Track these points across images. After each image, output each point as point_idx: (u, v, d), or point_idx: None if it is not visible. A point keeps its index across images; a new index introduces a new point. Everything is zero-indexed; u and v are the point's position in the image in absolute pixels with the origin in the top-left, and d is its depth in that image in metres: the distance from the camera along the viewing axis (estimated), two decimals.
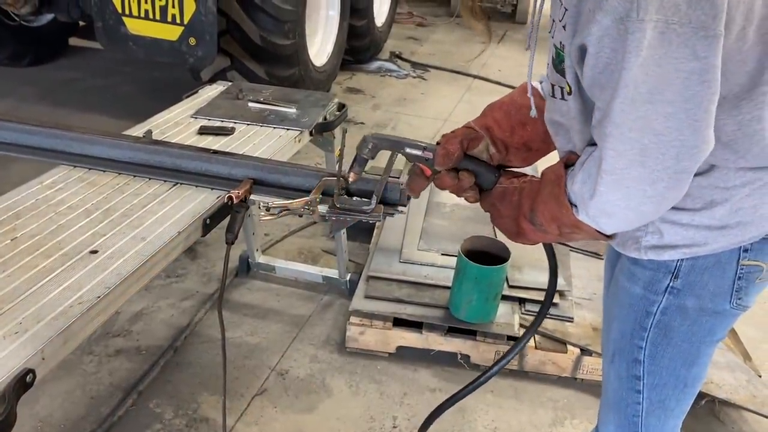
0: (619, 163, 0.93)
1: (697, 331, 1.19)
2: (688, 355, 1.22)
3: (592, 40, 0.90)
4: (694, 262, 1.12)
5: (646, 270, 1.17)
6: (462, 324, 2.43)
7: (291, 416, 2.22)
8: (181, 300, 2.77)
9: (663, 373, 1.24)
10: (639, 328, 1.22)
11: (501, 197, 1.21)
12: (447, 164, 1.22)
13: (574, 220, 1.07)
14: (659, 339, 1.21)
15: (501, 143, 1.26)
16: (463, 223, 3.01)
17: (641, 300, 1.20)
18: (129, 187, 1.58)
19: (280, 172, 1.60)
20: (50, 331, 1.08)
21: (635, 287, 1.20)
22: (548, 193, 1.10)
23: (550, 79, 1.13)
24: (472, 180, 1.23)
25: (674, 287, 1.15)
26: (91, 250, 1.32)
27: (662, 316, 1.18)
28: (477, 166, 1.24)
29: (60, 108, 4.55)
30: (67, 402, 2.21)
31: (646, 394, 1.27)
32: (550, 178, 1.11)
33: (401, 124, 4.86)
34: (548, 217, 1.11)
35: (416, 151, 1.24)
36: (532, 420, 2.28)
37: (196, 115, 2.09)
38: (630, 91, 0.88)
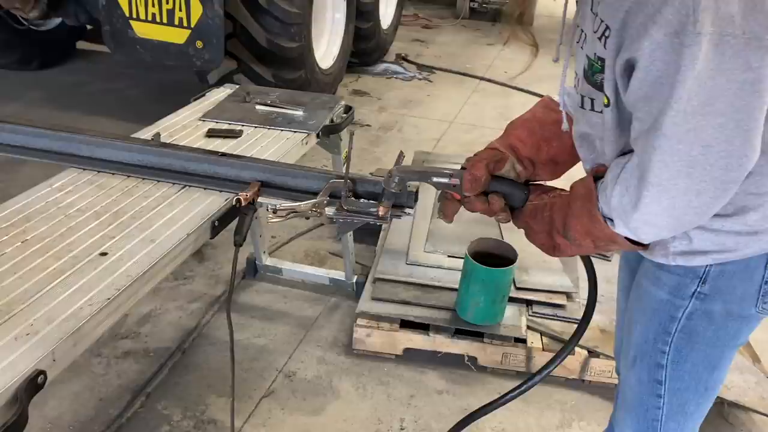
0: (666, 174, 0.94)
1: (723, 335, 1.19)
2: (712, 359, 1.22)
3: (643, 54, 0.90)
4: (723, 268, 1.12)
5: (672, 275, 1.17)
6: (469, 326, 2.43)
7: (299, 418, 2.23)
8: (189, 302, 2.78)
9: (685, 377, 1.24)
10: (663, 332, 1.22)
11: (533, 215, 1.21)
12: (475, 190, 1.22)
13: (609, 234, 1.07)
14: (684, 344, 1.21)
15: (527, 161, 1.27)
16: (470, 224, 3.01)
17: (666, 305, 1.20)
18: (138, 190, 1.59)
19: (287, 175, 1.60)
20: (61, 332, 1.09)
21: (660, 292, 1.20)
22: (580, 208, 1.10)
23: (580, 90, 1.13)
24: (503, 202, 1.23)
25: (701, 292, 1.15)
26: (101, 253, 1.32)
27: (688, 321, 1.18)
28: (505, 187, 1.24)
29: (68, 111, 4.58)
30: (76, 403, 2.22)
31: (667, 398, 1.27)
32: (581, 193, 1.11)
33: (407, 126, 4.87)
34: (582, 232, 1.11)
35: (443, 179, 1.25)
36: (539, 422, 2.28)
37: (203, 118, 2.10)
38: (683, 104, 0.89)
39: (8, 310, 1.13)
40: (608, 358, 2.36)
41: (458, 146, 4.51)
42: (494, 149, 1.27)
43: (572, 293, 2.63)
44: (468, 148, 4.51)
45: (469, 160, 1.25)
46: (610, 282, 2.78)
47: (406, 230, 2.89)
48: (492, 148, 1.28)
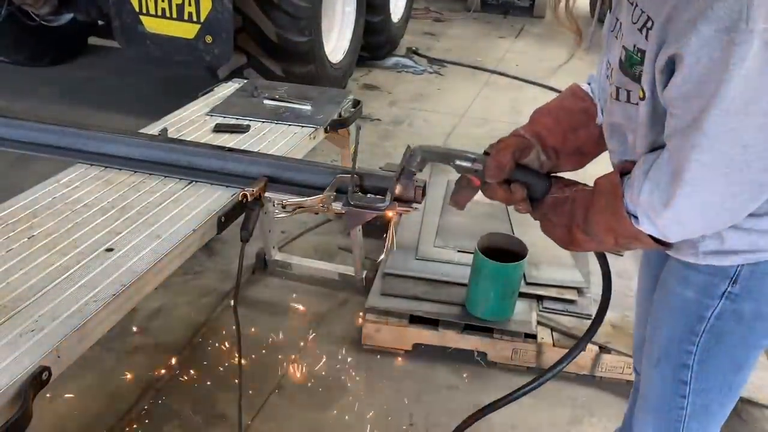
0: (702, 173, 0.92)
1: (751, 336, 1.17)
2: (739, 360, 1.20)
3: (689, 50, 0.88)
4: (754, 268, 1.10)
5: (701, 274, 1.15)
6: (479, 321, 2.41)
7: (308, 413, 2.22)
8: (199, 297, 2.78)
9: (711, 378, 1.22)
10: (690, 332, 1.19)
11: (553, 207, 1.19)
12: (499, 177, 1.19)
13: (633, 231, 1.05)
14: (711, 344, 1.18)
15: (552, 150, 1.24)
16: (480, 219, 2.99)
17: (694, 304, 1.17)
18: (144, 185, 1.59)
19: (294, 170, 1.59)
20: (65, 329, 1.09)
21: (688, 291, 1.17)
22: (604, 204, 1.08)
23: (614, 81, 1.10)
24: (525, 192, 1.20)
25: (732, 292, 1.12)
26: (107, 248, 1.32)
27: (717, 321, 1.16)
28: (529, 177, 1.21)
29: (79, 107, 4.60)
30: (87, 398, 2.23)
31: (692, 398, 1.24)
32: (606, 188, 1.09)
33: (418, 120, 4.85)
34: (604, 228, 1.09)
35: (465, 163, 1.22)
36: (550, 418, 2.26)
37: (211, 113, 2.09)
38: (727, 102, 0.87)
39: (13, 306, 1.13)
40: (620, 353, 2.34)
41: (469, 140, 4.48)
42: (520, 137, 1.24)
43: (583, 288, 2.61)
44: (479, 143, 4.47)
45: (494, 146, 1.21)
46: (621, 277, 2.75)
47: (415, 226, 2.88)
48: (518, 135, 1.24)
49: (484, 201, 3.38)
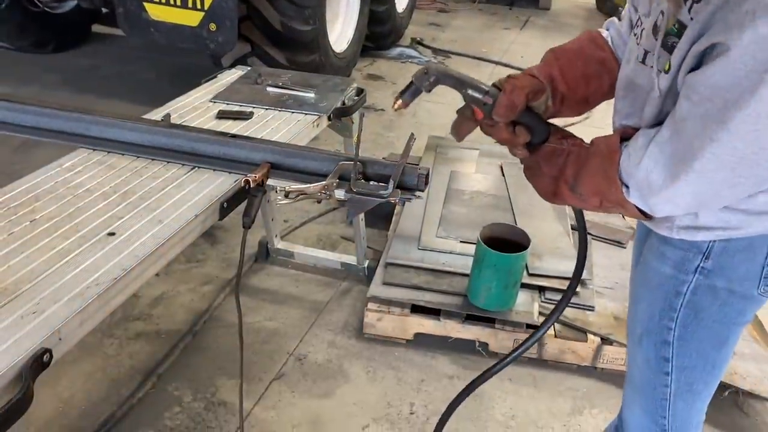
0: (712, 165, 0.92)
1: (728, 312, 1.17)
2: (719, 336, 1.21)
3: (739, 43, 0.84)
4: (726, 244, 1.11)
5: (676, 249, 1.16)
6: (480, 312, 2.41)
7: (309, 401, 2.23)
8: (201, 285, 2.78)
9: (693, 354, 1.23)
10: (668, 308, 1.20)
11: (548, 157, 1.16)
12: (509, 117, 1.14)
13: (620, 199, 1.05)
14: (689, 320, 1.19)
15: (560, 96, 1.21)
16: (483, 210, 2.99)
17: (671, 280, 1.18)
18: (147, 171, 1.58)
19: (297, 156, 1.58)
20: (67, 311, 1.09)
21: (665, 267, 1.19)
22: (597, 166, 1.07)
23: (643, 43, 1.07)
24: (527, 137, 1.16)
25: (705, 267, 1.14)
26: (109, 233, 1.32)
27: (693, 296, 1.17)
28: (534, 121, 1.17)
29: (83, 94, 4.59)
30: (88, 383, 2.24)
31: (675, 376, 1.26)
32: (602, 151, 1.08)
33: (421, 111, 4.83)
34: (592, 190, 1.09)
35: (477, 94, 1.15)
36: (550, 408, 2.26)
37: (214, 100, 2.08)
38: (762, 105, 0.85)
39: (15, 289, 1.13)
40: (621, 345, 2.34)
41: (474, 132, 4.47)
42: (534, 78, 1.19)
43: (585, 280, 2.60)
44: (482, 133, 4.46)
45: (507, 83, 1.14)
46: (624, 269, 2.75)
47: (418, 216, 2.87)
48: (531, 76, 1.19)
49: (487, 192, 3.35)
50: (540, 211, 2.97)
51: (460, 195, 3.11)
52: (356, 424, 2.15)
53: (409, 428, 2.14)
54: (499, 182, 3.28)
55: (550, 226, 2.87)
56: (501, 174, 3.38)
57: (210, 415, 2.14)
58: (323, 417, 2.17)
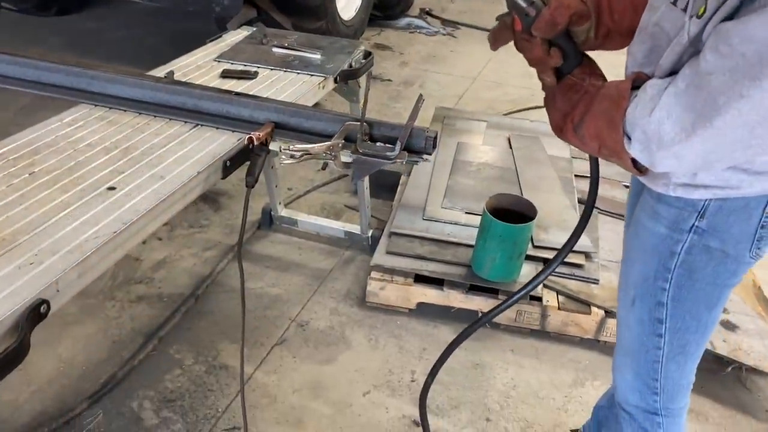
0: (734, 121, 0.86)
1: (722, 272, 1.15)
2: (711, 297, 1.19)
3: None
4: (722, 204, 1.08)
5: (671, 208, 1.13)
6: (484, 282, 2.39)
7: (310, 366, 2.22)
8: (204, 250, 2.77)
9: (686, 316, 1.21)
10: (663, 269, 1.18)
11: (565, 90, 1.11)
12: (547, 33, 1.07)
13: (619, 148, 1.00)
14: (684, 280, 1.17)
15: (605, 29, 1.14)
16: (489, 182, 2.95)
17: (665, 240, 1.16)
18: (149, 127, 1.56)
19: (302, 116, 1.55)
20: (65, 263, 1.07)
21: (659, 226, 1.16)
22: (603, 110, 1.02)
23: None
24: (560, 61, 1.10)
25: (699, 227, 1.11)
26: (109, 187, 1.30)
27: (687, 256, 1.14)
28: (569, 48, 1.11)
29: (86, 58, 4.53)
30: (90, 345, 2.23)
31: (668, 337, 1.24)
32: (611, 95, 1.02)
33: (429, 82, 4.77)
34: (593, 133, 1.04)
35: (522, 1, 1.07)
36: (552, 380, 2.25)
37: (219, 59, 2.05)
38: None
39: (13, 239, 1.11)
40: None
41: (481, 103, 4.42)
42: (581, 2, 1.10)
43: (591, 253, 2.57)
44: (491, 105, 4.41)
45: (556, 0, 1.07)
46: None
47: (423, 186, 2.84)
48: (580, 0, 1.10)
49: (494, 164, 3.31)
50: (547, 183, 2.94)
51: (466, 166, 3.08)
52: (357, 389, 2.15)
53: (410, 395, 2.14)
54: (506, 155, 3.24)
55: (556, 199, 2.84)
56: (508, 146, 3.34)
57: (211, 378, 2.14)
58: (324, 382, 2.16)
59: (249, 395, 2.09)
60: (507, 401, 2.15)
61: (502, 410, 2.12)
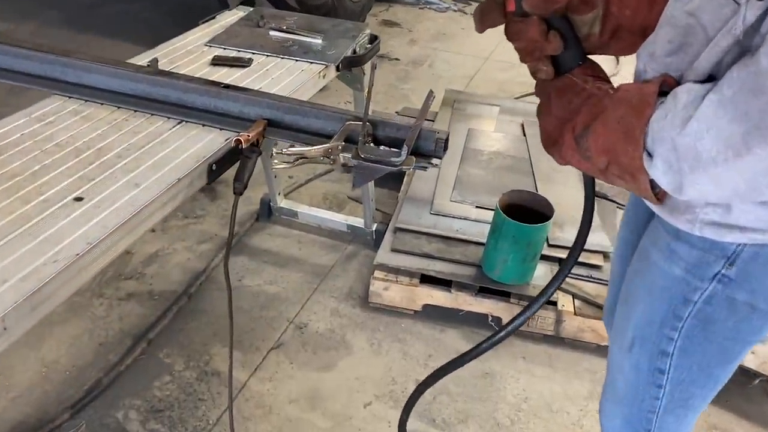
0: None
1: (744, 328, 0.97)
2: (727, 353, 1.01)
3: None
4: (758, 251, 0.88)
5: (693, 249, 0.93)
6: (495, 284, 2.24)
7: (308, 373, 2.09)
8: (199, 243, 2.62)
9: (694, 369, 1.03)
10: (672, 316, 0.99)
11: (561, 91, 0.92)
12: (541, 8, 0.89)
13: (636, 166, 0.80)
14: (696, 332, 0.98)
15: (612, 23, 0.93)
16: (501, 173, 2.78)
17: (680, 284, 0.96)
18: (127, 124, 1.40)
19: (298, 113, 1.39)
20: (17, 294, 0.92)
21: (674, 268, 0.96)
22: (618, 118, 0.82)
23: None
24: (560, 48, 0.91)
25: (726, 275, 0.92)
26: (76, 197, 1.14)
27: (705, 306, 0.95)
28: (570, 36, 0.92)
29: (82, 33, 4.36)
30: (74, 347, 2.10)
31: (669, 389, 1.06)
32: (631, 100, 0.81)
33: (439, 61, 4.57)
34: (601, 147, 0.84)
35: None
36: (566, 391, 2.11)
37: (210, 44, 1.87)
38: None
39: None
40: None
41: (493, 85, 4.22)
42: None
43: (610, 253, 2.41)
44: (503, 88, 4.21)
45: None
46: None
47: (431, 177, 2.67)
48: None
49: (507, 153, 3.12)
50: (563, 175, 2.76)
51: (477, 155, 2.91)
52: (358, 400, 2.01)
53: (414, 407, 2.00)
54: (519, 142, 3.06)
55: (573, 193, 2.66)
56: (522, 133, 3.16)
57: (202, 386, 2.01)
58: (322, 392, 2.03)
59: (242, 405, 1.96)
60: (518, 415, 2.01)
61: (512, 425, 1.98)
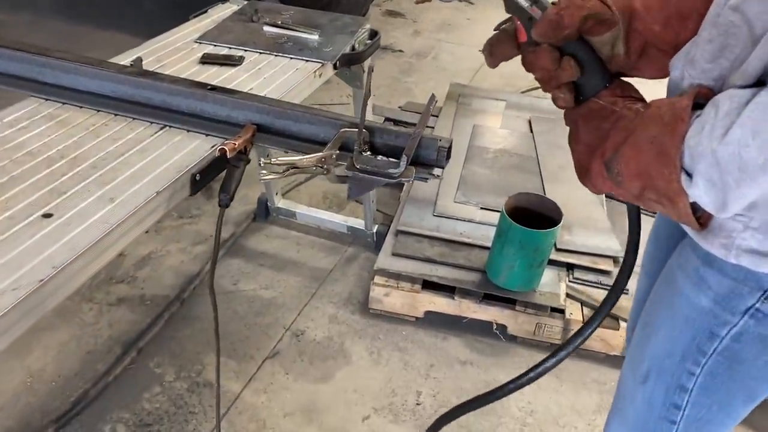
0: None
1: None
2: (754, 392, 0.91)
3: None
4: None
5: (725, 278, 0.83)
6: (500, 291, 2.14)
7: (304, 385, 2.00)
8: (193, 244, 2.54)
9: (713, 408, 0.94)
10: (696, 350, 0.90)
11: (589, 116, 0.83)
12: (550, 37, 0.82)
13: (674, 189, 0.71)
14: (721, 370, 0.89)
15: (639, 41, 0.84)
16: (507, 172, 2.68)
17: (707, 316, 0.87)
18: (106, 129, 1.30)
19: (289, 118, 1.29)
20: None
21: (701, 297, 0.87)
22: (649, 138, 0.73)
23: None
24: (576, 74, 0.83)
25: (761, 310, 0.82)
26: (45, 213, 1.05)
27: (733, 343, 0.86)
28: (589, 59, 0.83)
29: (78, 23, 4.26)
30: (61, 355, 2.02)
31: (683, 426, 0.97)
32: (662, 117, 0.72)
33: (443, 53, 4.45)
34: (634, 171, 0.75)
35: (524, 1, 0.84)
36: (573, 404, 2.02)
37: (200, 40, 1.77)
38: None
39: None
40: None
41: (499, 79, 4.10)
42: (604, 4, 0.83)
43: (620, 258, 2.30)
44: (509, 82, 4.09)
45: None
46: None
47: None
48: (602, 1, 0.83)
49: (513, 151, 3.00)
50: (571, 174, 2.61)
51: (482, 153, 2.80)
52: (356, 414, 1.93)
53: (414, 421, 1.92)
54: (526, 139, 2.96)
55: (581, 193, 2.56)
56: (529, 130, 3.05)
57: (193, 398, 1.92)
58: (319, 404, 1.94)
59: (235, 419, 1.88)
60: (523, 430, 1.92)
61: None
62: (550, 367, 1.17)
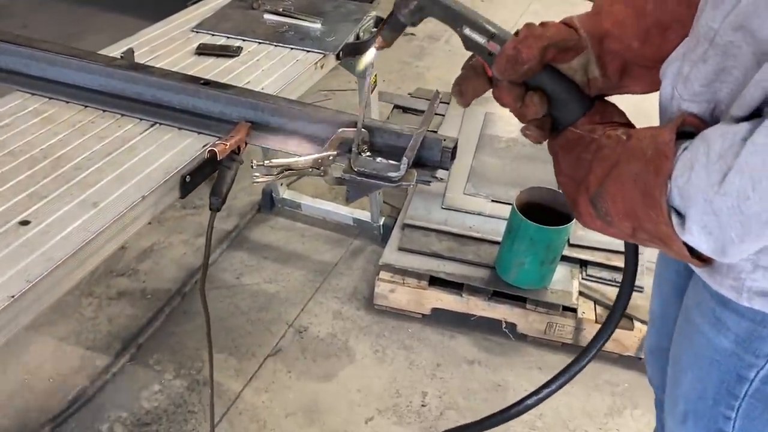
0: None
1: None
2: None
3: None
4: None
5: (743, 320, 0.76)
6: (510, 289, 2.07)
7: (306, 384, 1.95)
8: (196, 236, 2.48)
9: None
10: (727, 394, 0.83)
11: (567, 147, 0.77)
12: (509, 73, 0.76)
13: (664, 233, 0.65)
14: (757, 413, 0.82)
15: (617, 62, 0.78)
16: (519, 162, 2.59)
17: (732, 358, 0.80)
18: (93, 127, 1.24)
19: (286, 115, 1.22)
20: None
21: (722, 339, 0.80)
22: (633, 176, 0.66)
23: None
24: (543, 109, 0.77)
25: None
26: (22, 220, 0.99)
27: (764, 386, 0.79)
28: (559, 90, 0.78)
29: (83, 6, 4.19)
30: (60, 351, 1.98)
31: None
32: (644, 152, 0.66)
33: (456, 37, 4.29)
34: (621, 210, 0.69)
35: (478, 36, 0.80)
36: (584, 407, 1.95)
37: (197, 29, 1.69)
38: None
39: None
40: None
41: None
42: (569, 27, 0.78)
43: None
44: None
45: (524, 29, 0.77)
46: None
47: None
48: (567, 25, 0.79)
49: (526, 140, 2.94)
50: None
51: (494, 142, 2.71)
52: (359, 415, 1.88)
53: (419, 423, 1.86)
54: None
55: None
56: None
57: (193, 397, 1.88)
58: (321, 405, 1.89)
59: (234, 419, 1.83)
60: None
61: None
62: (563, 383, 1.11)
